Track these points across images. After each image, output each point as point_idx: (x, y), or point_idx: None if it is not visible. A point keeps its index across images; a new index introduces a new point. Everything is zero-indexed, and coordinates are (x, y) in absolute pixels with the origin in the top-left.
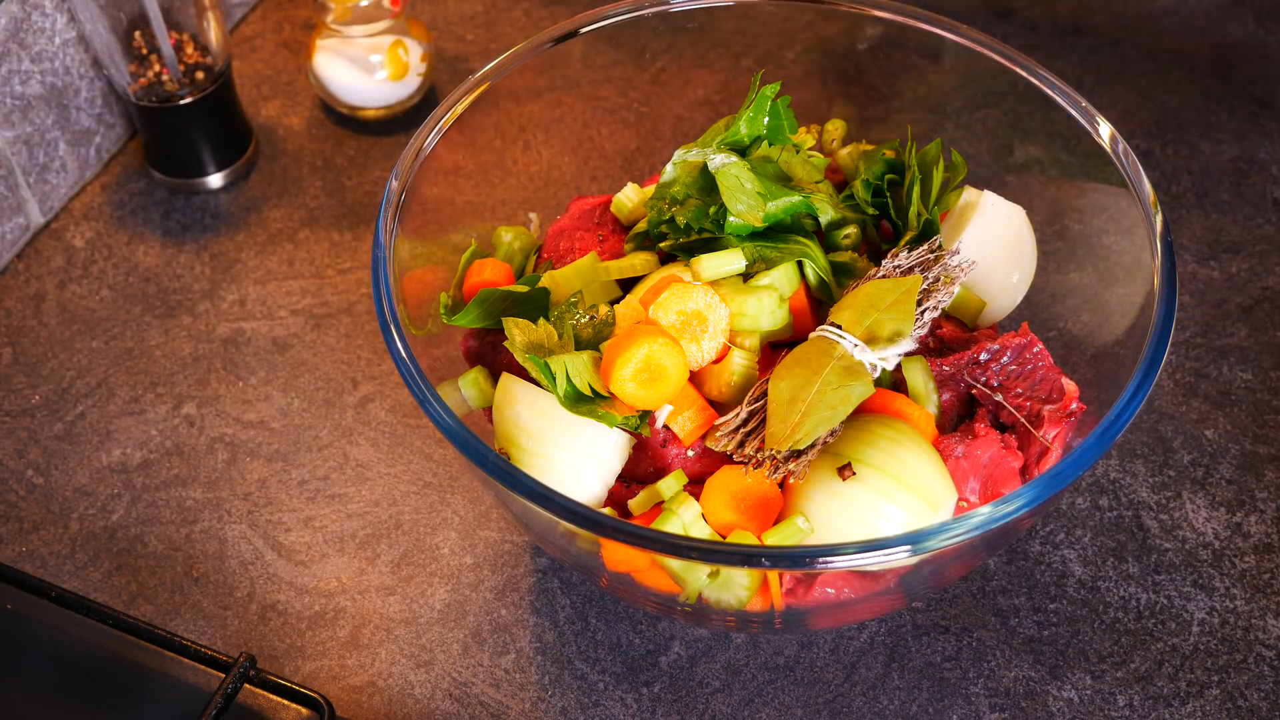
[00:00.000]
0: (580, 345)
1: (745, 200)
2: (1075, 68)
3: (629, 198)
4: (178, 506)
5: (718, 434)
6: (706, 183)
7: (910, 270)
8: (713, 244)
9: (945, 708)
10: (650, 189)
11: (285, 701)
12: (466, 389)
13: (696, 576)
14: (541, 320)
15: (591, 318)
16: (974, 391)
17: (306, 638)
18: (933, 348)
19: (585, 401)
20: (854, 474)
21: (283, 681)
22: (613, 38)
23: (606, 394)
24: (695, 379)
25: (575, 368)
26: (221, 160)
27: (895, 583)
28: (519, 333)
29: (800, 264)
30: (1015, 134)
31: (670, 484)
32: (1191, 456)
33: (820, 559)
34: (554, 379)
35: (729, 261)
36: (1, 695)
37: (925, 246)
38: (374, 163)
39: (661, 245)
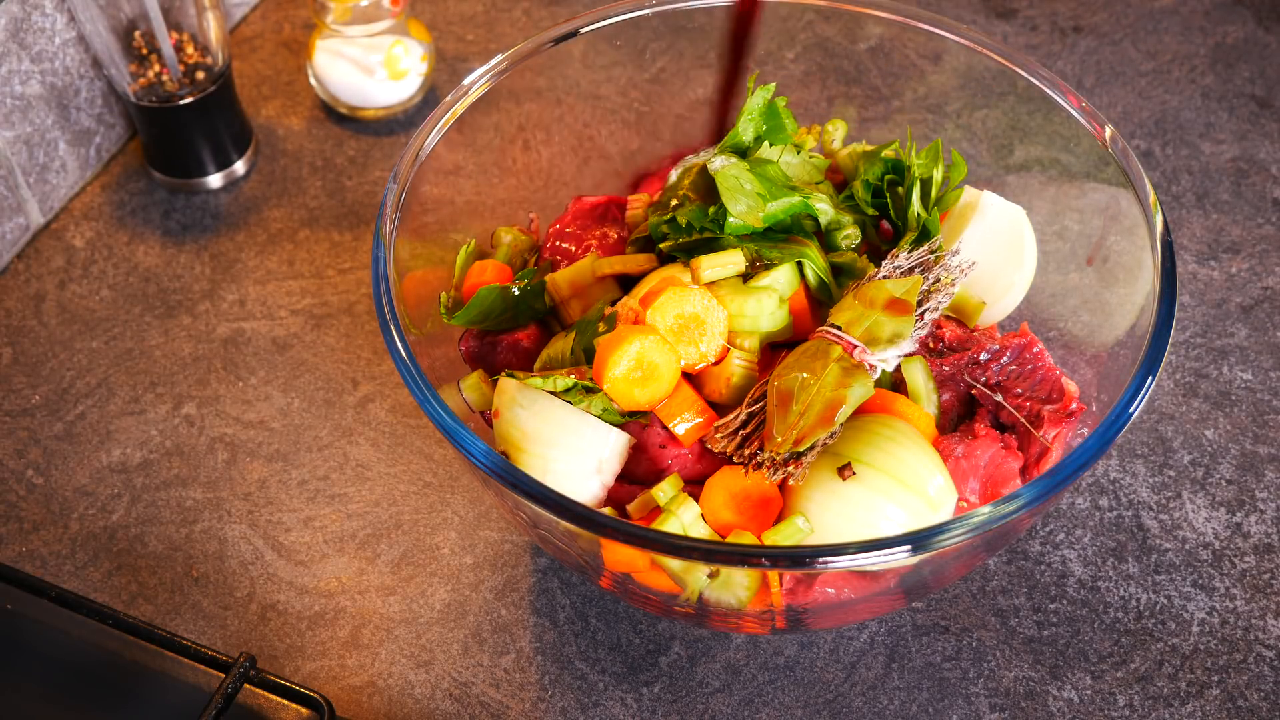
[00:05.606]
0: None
1: (745, 201)
2: (1075, 68)
3: (636, 206)
4: (178, 506)
5: (717, 435)
6: (706, 183)
7: (910, 271)
8: (712, 244)
9: (945, 708)
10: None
11: (285, 701)
12: (468, 392)
13: (696, 577)
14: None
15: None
16: (974, 392)
17: (306, 638)
18: (933, 348)
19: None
20: (854, 474)
21: (283, 681)
22: (613, 38)
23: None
24: (695, 380)
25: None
26: (221, 160)
27: (895, 583)
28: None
29: (800, 265)
30: (1015, 134)
31: (666, 489)
32: (1191, 456)
33: (820, 559)
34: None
35: (728, 262)
36: (1, 695)
37: (925, 247)
38: (374, 163)
39: (661, 245)
